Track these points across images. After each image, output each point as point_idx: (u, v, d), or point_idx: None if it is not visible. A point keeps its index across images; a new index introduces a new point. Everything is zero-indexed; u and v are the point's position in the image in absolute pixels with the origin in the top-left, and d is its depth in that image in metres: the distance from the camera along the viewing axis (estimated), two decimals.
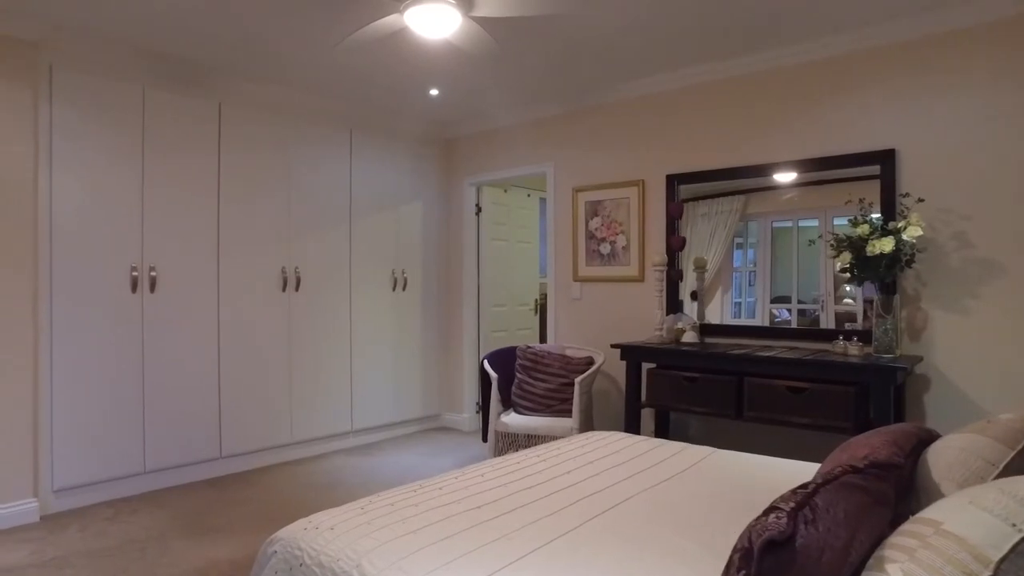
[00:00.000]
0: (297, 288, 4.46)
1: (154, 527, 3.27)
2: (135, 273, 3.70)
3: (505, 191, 5.72)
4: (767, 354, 3.31)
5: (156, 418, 3.80)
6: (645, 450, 2.37)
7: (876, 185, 3.36)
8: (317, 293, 4.59)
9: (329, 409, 4.67)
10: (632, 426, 3.80)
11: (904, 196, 3.22)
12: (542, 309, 6.26)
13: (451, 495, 1.79)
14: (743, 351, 3.44)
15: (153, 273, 3.77)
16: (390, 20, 2.67)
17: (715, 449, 2.42)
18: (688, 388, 3.57)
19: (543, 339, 6.21)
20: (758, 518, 0.94)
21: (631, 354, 3.82)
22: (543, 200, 6.50)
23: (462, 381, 5.42)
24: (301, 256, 4.49)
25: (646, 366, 3.89)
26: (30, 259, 3.36)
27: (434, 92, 4.55)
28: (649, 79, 4.21)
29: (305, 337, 4.52)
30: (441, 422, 5.54)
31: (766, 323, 3.92)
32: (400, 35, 3.29)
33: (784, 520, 0.89)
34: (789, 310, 3.89)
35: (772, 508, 0.94)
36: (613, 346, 3.90)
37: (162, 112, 3.83)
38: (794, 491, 1.02)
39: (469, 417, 5.39)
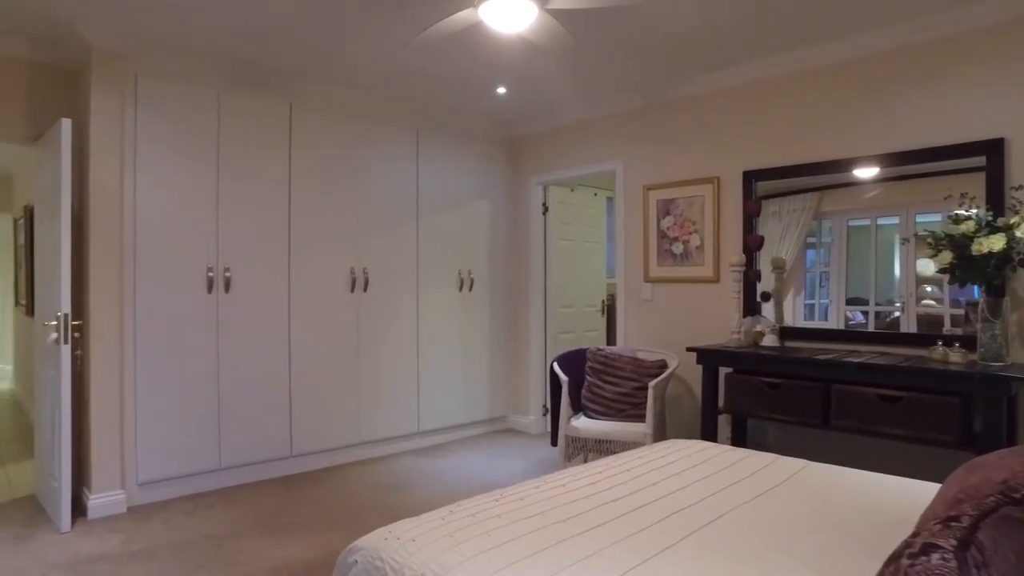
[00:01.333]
0: (365, 288, 4.49)
1: (230, 523, 3.32)
2: (211, 274, 3.78)
3: (572, 190, 5.62)
4: (858, 360, 3.10)
5: (230, 416, 3.88)
6: (733, 461, 2.23)
7: (976, 178, 3.11)
8: (385, 293, 4.60)
9: (396, 410, 4.67)
10: (709, 433, 3.64)
11: (1016, 189, 2.96)
12: (609, 310, 6.13)
13: (534, 506, 1.71)
14: (830, 356, 3.24)
15: (228, 274, 3.84)
16: (464, 15, 2.62)
17: (807, 462, 2.26)
18: (769, 394, 3.39)
19: (611, 341, 6.08)
20: (911, 554, 0.82)
21: (709, 358, 3.66)
22: (610, 199, 6.37)
23: (528, 383, 5.35)
24: (369, 256, 4.51)
25: (723, 371, 3.72)
26: (117, 260, 3.47)
27: (502, 90, 4.49)
28: (723, 72, 4.04)
29: (373, 337, 4.53)
30: (507, 424, 5.48)
31: (840, 326, 3.72)
32: (472, 31, 3.24)
33: (953, 563, 0.77)
34: (864, 312, 3.67)
35: (930, 545, 0.82)
36: (689, 349, 3.75)
37: (236, 115, 3.90)
38: (945, 523, 0.89)
39: (535, 420, 5.31)
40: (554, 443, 4.20)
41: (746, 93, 4.02)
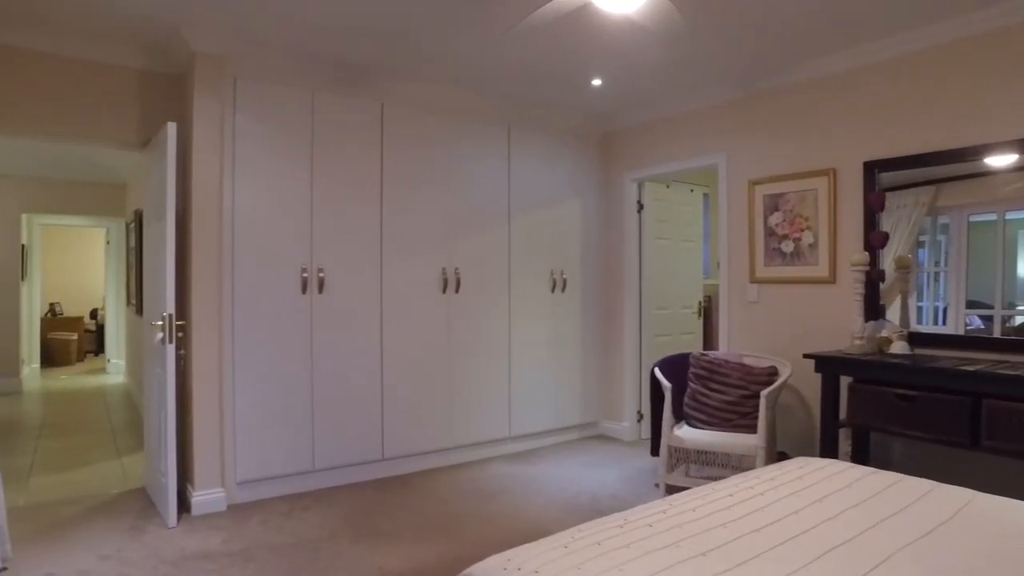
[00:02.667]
0: (457, 289, 4.40)
1: (325, 526, 3.29)
2: (305, 274, 3.78)
3: (667, 187, 5.35)
4: (1014, 372, 2.72)
5: (323, 418, 3.87)
6: (881, 487, 1.96)
7: None
8: (476, 294, 4.50)
9: (488, 414, 4.56)
10: (828, 448, 3.32)
11: None
12: (706, 312, 5.82)
13: (665, 535, 1.52)
14: (978, 366, 2.86)
15: (321, 274, 3.84)
16: None
17: (974, 492, 1.95)
18: (902, 408, 3.04)
19: (707, 344, 5.77)
20: None
21: (829, 366, 3.34)
22: (706, 196, 6.06)
23: (622, 388, 5.13)
24: (461, 256, 4.42)
25: (844, 380, 3.39)
26: (216, 261, 3.52)
27: (597, 82, 4.30)
28: (842, 54, 3.69)
29: (464, 339, 4.44)
30: (599, 430, 5.27)
31: (960, 331, 3.34)
32: (573, 18, 3.08)
33: None
34: (986, 317, 3.28)
35: None
36: (807, 356, 3.44)
37: (329, 115, 3.89)
38: None
39: (629, 426, 5.08)
40: (654, 453, 3.96)
41: (867, 76, 3.66)
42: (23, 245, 7.71)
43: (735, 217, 4.39)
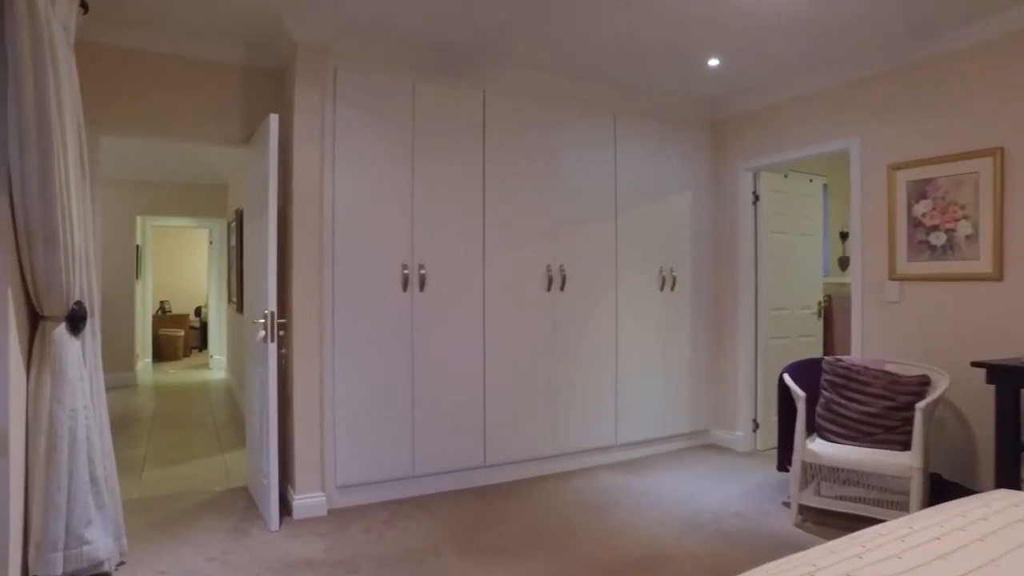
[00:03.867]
0: (562, 288, 4.14)
1: (428, 537, 3.11)
2: (406, 271, 3.63)
3: (785, 177, 4.90)
4: None
5: (424, 421, 3.71)
6: None
7: None
8: (582, 292, 4.23)
9: (593, 420, 4.29)
10: (1006, 473, 2.84)
11: None
12: (826, 313, 5.31)
13: None
14: None
15: (423, 271, 3.67)
16: None
17: None
18: None
19: (828, 349, 5.26)
20: None
21: (1007, 377, 2.85)
22: (825, 187, 5.55)
23: (735, 395, 4.72)
24: (566, 253, 4.17)
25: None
26: (316, 257, 3.42)
27: (714, 62, 3.94)
28: (1014, 11, 3.18)
29: (570, 340, 4.18)
30: (710, 439, 4.89)
31: None
32: None
33: None
34: None
35: None
36: (976, 364, 2.96)
37: (430, 105, 3.73)
38: None
39: (744, 436, 4.67)
40: (782, 467, 3.58)
41: None
42: (137, 246, 8.08)
43: (871, 207, 3.92)
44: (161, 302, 11.00)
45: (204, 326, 10.93)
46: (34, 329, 2.44)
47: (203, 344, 10.83)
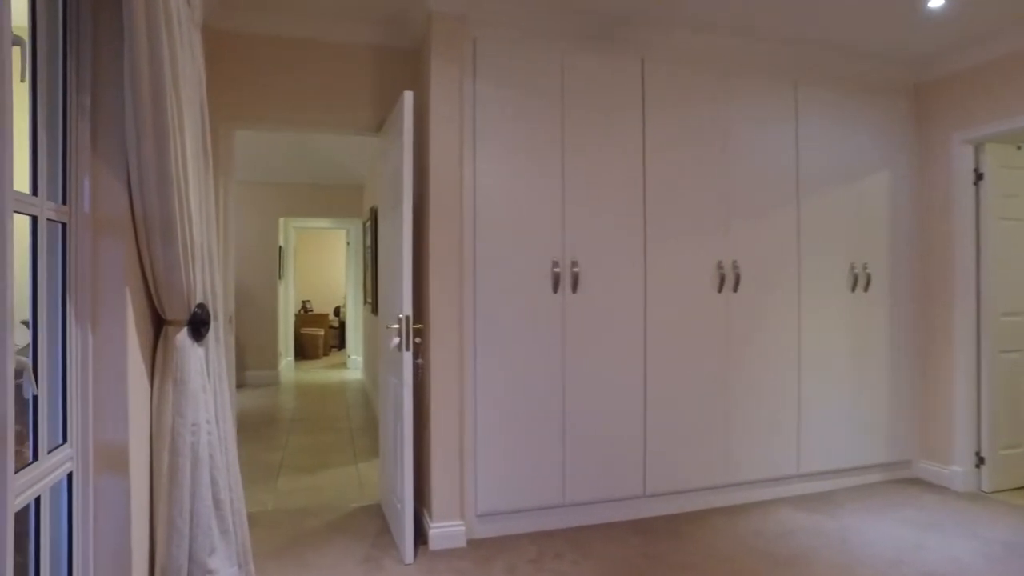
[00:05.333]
0: (736, 288, 3.50)
1: None
2: (556, 269, 3.16)
3: (1019, 148, 3.92)
4: None
5: (576, 442, 3.21)
6: None
7: None
8: (758, 293, 3.56)
9: (772, 445, 3.60)
10: None
11: None
12: None
13: None
14: None
15: (576, 269, 3.18)
16: None
17: None
18: None
19: None
20: None
21: None
22: None
23: (950, 420, 3.83)
24: (739, 247, 3.52)
25: None
26: (456, 254, 3.02)
27: (936, 3, 3.13)
28: None
29: (744, 349, 3.53)
30: (913, 472, 4.02)
31: None
32: None
33: None
34: None
35: None
36: None
37: (580, 77, 3.23)
38: None
39: (963, 472, 3.76)
40: None
41: None
42: (279, 247, 8.26)
43: None
44: (303, 302, 11.36)
45: (343, 325, 11.16)
46: (158, 335, 2.20)
47: (341, 343, 11.05)
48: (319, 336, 10.47)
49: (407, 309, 2.76)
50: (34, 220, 1.66)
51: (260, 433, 5.30)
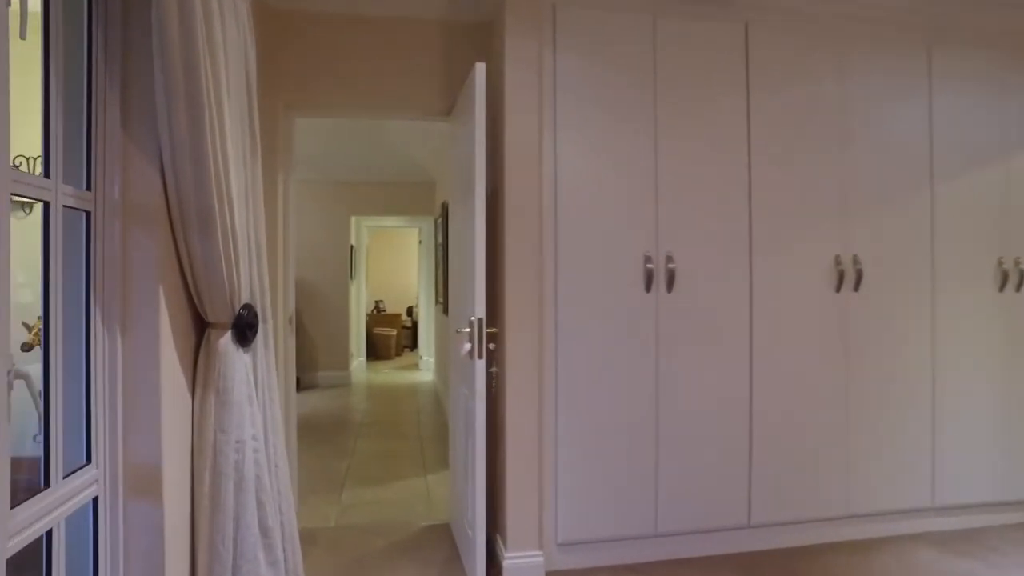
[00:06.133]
0: (856, 287, 2.99)
1: None
2: (649, 265, 2.75)
3: None
4: None
5: (671, 464, 2.80)
6: None
7: None
8: (884, 294, 3.04)
9: (901, 472, 3.06)
10: None
11: None
12: None
13: None
14: None
15: (671, 265, 2.77)
16: None
17: None
18: None
19: None
20: None
21: None
22: None
23: None
24: (860, 240, 3.00)
25: None
26: (535, 248, 2.67)
27: None
28: None
29: (867, 359, 3.01)
30: None
31: None
32: None
33: None
34: None
35: None
36: None
37: (675, 47, 2.81)
38: None
39: None
40: None
41: None
42: (351, 246, 8.16)
43: None
44: (376, 301, 11.31)
45: (415, 326, 11.03)
46: (200, 339, 1.95)
47: (414, 344, 10.92)
48: (391, 336, 10.36)
49: (480, 311, 2.43)
50: (46, 207, 1.41)
51: (328, 437, 5.12)
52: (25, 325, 2.28)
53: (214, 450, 1.90)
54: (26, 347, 2.24)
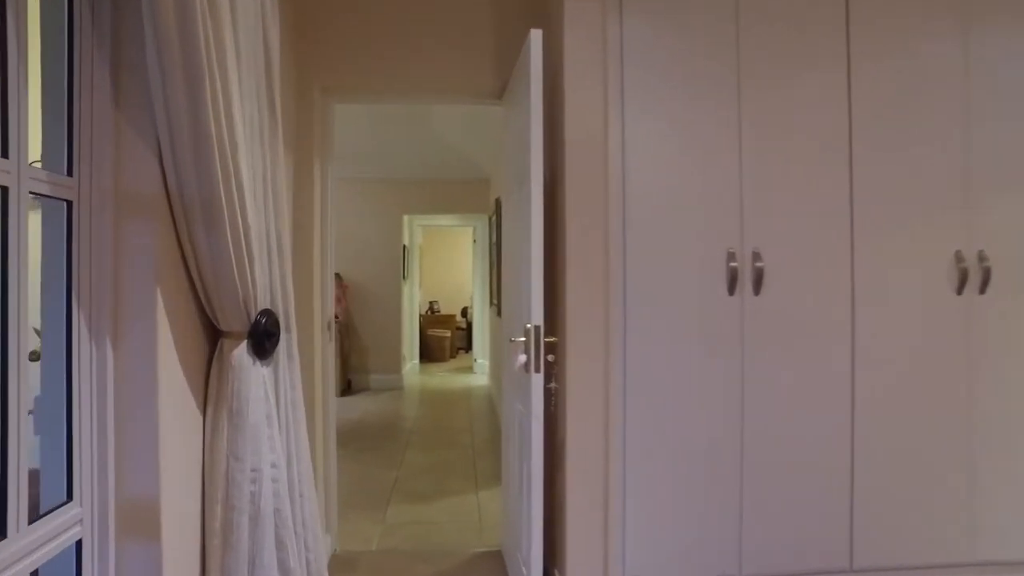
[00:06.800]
0: (983, 289, 2.51)
1: None
2: (733, 263, 2.36)
3: None
4: None
5: (757, 495, 2.40)
6: None
7: None
8: (1018, 296, 2.55)
9: None
10: None
11: None
12: None
13: None
14: None
15: (759, 263, 2.37)
16: None
17: None
18: None
19: None
20: None
21: None
22: None
23: None
24: (987, 232, 2.52)
25: None
26: (600, 244, 2.32)
27: None
28: None
29: (994, 375, 2.53)
30: None
31: None
32: None
33: None
34: None
35: None
36: None
37: (759, 11, 2.41)
38: None
39: None
40: None
41: None
42: (404, 245, 7.96)
43: None
44: (430, 302, 11.13)
45: (470, 327, 10.80)
46: (213, 350, 1.69)
47: (468, 345, 10.68)
48: (446, 338, 10.15)
49: (537, 317, 2.09)
50: (3, 192, 1.16)
51: (376, 445, 4.89)
52: (36, 331, 2.08)
53: (226, 480, 1.63)
54: (34, 356, 2.04)
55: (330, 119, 2.86)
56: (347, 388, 7.29)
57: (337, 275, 7.28)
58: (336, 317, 7.09)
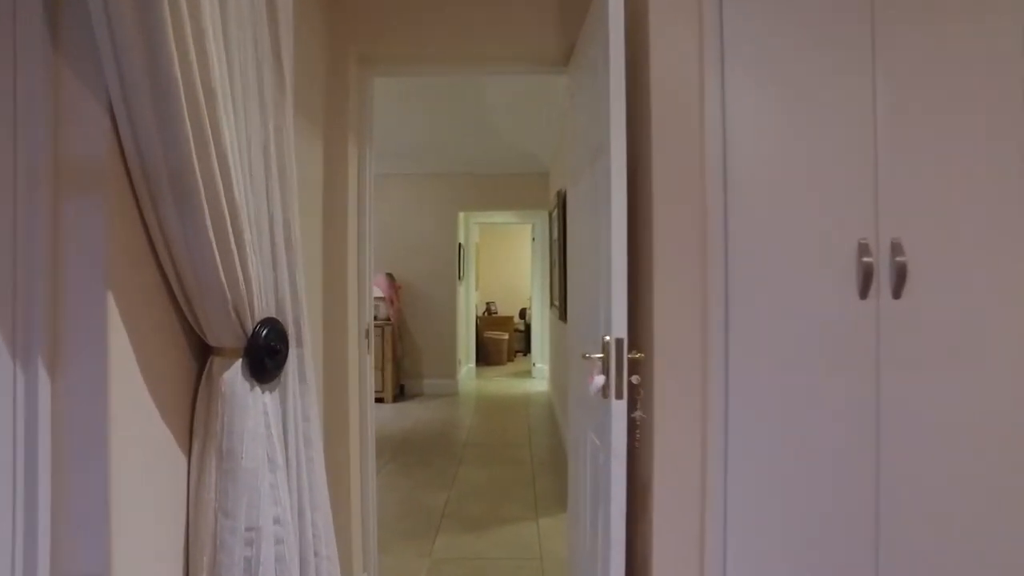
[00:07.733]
0: None
1: None
2: (866, 259, 1.84)
3: None
4: None
5: (899, 556, 1.87)
6: None
7: None
8: None
9: None
10: None
11: None
12: None
13: None
14: None
15: (900, 258, 1.84)
16: None
17: None
18: None
19: None
20: None
21: None
22: None
23: None
24: None
25: None
26: (697, 237, 1.85)
27: None
28: None
29: None
30: None
31: None
32: None
33: None
34: None
35: None
36: None
37: None
38: None
39: None
40: None
41: None
42: (459, 244, 7.60)
43: None
44: (487, 303, 10.77)
45: (528, 329, 10.38)
46: (201, 371, 1.31)
47: (527, 348, 10.26)
48: (503, 340, 9.76)
49: (619, 329, 1.64)
50: None
51: (428, 459, 4.52)
52: None
53: (214, 542, 1.25)
54: None
55: (368, 95, 2.48)
56: (400, 394, 6.98)
57: (390, 275, 6.98)
58: (388, 319, 6.80)
